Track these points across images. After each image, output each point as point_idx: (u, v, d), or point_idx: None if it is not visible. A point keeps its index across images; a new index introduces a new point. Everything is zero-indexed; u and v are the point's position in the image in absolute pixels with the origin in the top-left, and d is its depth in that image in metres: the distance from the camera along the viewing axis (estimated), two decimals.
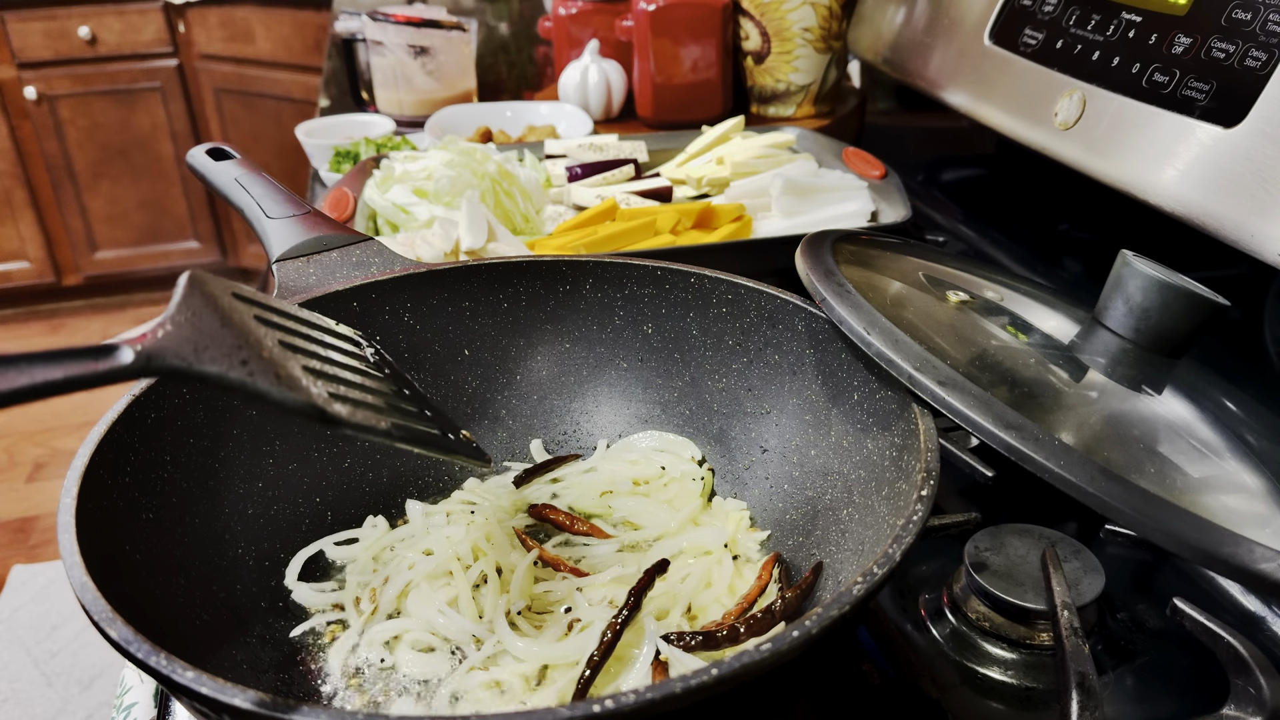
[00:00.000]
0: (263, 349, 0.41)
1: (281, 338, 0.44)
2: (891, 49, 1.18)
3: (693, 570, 0.60)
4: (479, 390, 0.73)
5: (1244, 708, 0.50)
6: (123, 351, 0.38)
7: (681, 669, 0.51)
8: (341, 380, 0.45)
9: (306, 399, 0.41)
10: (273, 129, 3.01)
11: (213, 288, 0.42)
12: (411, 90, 1.49)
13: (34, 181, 3.10)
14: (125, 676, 0.70)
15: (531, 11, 2.16)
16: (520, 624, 0.57)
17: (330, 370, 0.45)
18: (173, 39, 3.00)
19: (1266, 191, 0.65)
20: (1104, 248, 0.72)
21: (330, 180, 1.28)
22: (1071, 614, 0.54)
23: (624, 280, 0.71)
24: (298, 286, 0.68)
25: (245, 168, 0.77)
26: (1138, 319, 0.64)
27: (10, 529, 2.47)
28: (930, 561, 0.65)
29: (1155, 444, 0.54)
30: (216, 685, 0.36)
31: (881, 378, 0.58)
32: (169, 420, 0.56)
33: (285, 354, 0.42)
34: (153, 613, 0.47)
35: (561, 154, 1.17)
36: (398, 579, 0.60)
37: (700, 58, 1.38)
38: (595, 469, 0.70)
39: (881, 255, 0.71)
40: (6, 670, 2.04)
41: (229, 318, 0.41)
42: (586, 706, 0.35)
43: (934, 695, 0.54)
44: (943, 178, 1.36)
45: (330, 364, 0.46)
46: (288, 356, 0.42)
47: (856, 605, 0.40)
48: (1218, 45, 0.71)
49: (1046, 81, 0.87)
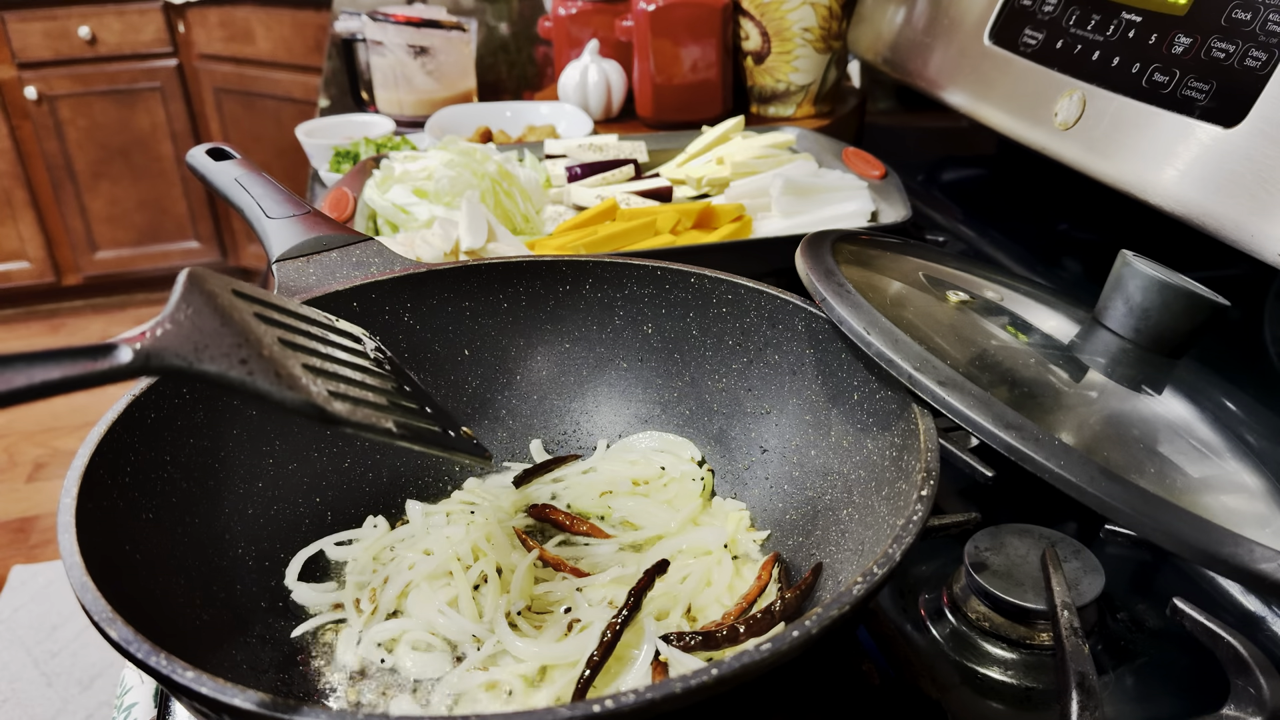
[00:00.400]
0: (262, 347, 0.41)
1: (281, 335, 0.44)
2: (891, 49, 1.18)
3: (692, 570, 0.60)
4: (479, 390, 0.73)
5: (1244, 708, 0.50)
6: (121, 351, 0.38)
7: (681, 669, 0.51)
8: (342, 378, 0.45)
9: (306, 398, 0.41)
10: (273, 129, 3.01)
11: (212, 285, 0.42)
12: (411, 90, 1.49)
13: (34, 181, 3.10)
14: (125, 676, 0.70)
15: (531, 11, 2.16)
16: (520, 624, 0.57)
17: (330, 368, 0.45)
18: (173, 39, 3.00)
19: (1266, 191, 0.65)
20: (1104, 248, 0.72)
21: (330, 180, 1.28)
22: (1071, 614, 0.54)
23: (624, 280, 0.71)
24: (298, 286, 0.68)
25: (245, 168, 0.77)
26: (1138, 319, 0.64)
27: (10, 529, 2.47)
28: (930, 561, 0.65)
29: (1155, 444, 0.54)
30: (216, 685, 0.36)
31: (881, 378, 0.57)
32: (169, 420, 0.56)
33: (285, 352, 0.42)
34: (153, 613, 0.47)
35: (561, 154, 1.17)
36: (398, 579, 0.60)
37: (700, 58, 1.38)
38: (595, 469, 0.70)
39: (881, 255, 0.71)
40: (6, 670, 2.04)
41: (229, 316, 0.41)
42: (586, 707, 0.35)
43: (934, 695, 0.54)
44: (943, 178, 1.36)
45: (331, 361, 0.46)
46: (288, 355, 0.42)
47: (856, 605, 0.40)
48: (1218, 45, 0.71)
49: (1046, 81, 0.87)
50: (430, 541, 0.62)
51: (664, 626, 0.56)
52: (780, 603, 0.53)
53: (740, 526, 0.65)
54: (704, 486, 0.68)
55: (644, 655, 0.52)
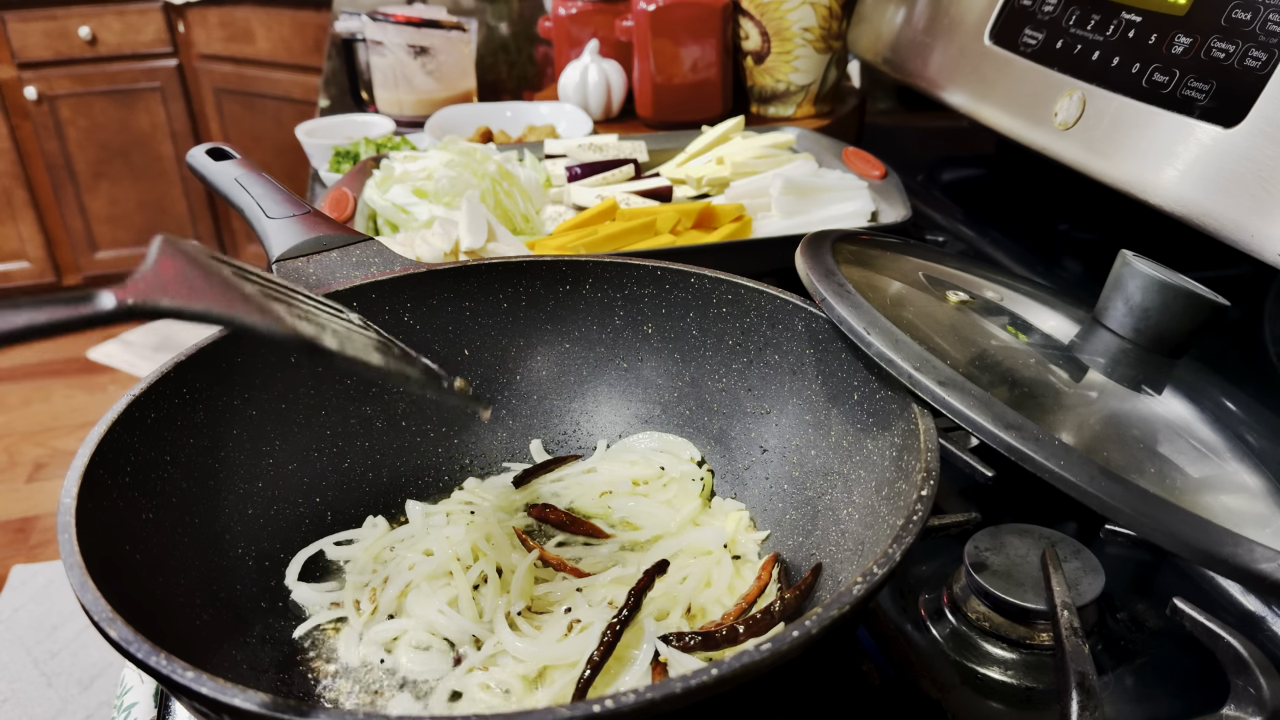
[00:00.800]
0: (246, 293, 0.41)
1: (263, 289, 0.44)
2: (891, 49, 1.18)
3: (692, 571, 0.60)
4: (479, 390, 0.73)
5: (1244, 708, 0.50)
6: (103, 297, 0.37)
7: (681, 669, 0.51)
8: (326, 325, 0.45)
9: (294, 331, 0.41)
10: (273, 129, 3.01)
11: (187, 247, 0.42)
12: (411, 90, 1.49)
13: (34, 181, 3.10)
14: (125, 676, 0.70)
15: (531, 11, 2.16)
16: (520, 624, 0.57)
17: (315, 314, 0.45)
18: (173, 39, 3.00)
19: (1266, 191, 0.65)
20: (1104, 248, 0.72)
21: (330, 180, 1.28)
22: (1071, 614, 0.54)
23: (624, 280, 0.71)
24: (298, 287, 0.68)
25: (245, 168, 0.77)
26: (1138, 319, 0.64)
27: (10, 529, 2.47)
28: (930, 561, 0.65)
29: (1155, 444, 0.54)
30: (216, 685, 0.36)
31: (881, 378, 0.57)
32: (169, 420, 0.56)
33: (269, 299, 0.42)
34: (153, 613, 0.47)
35: (561, 154, 1.17)
36: (398, 579, 0.60)
37: (700, 58, 1.38)
38: (595, 469, 0.70)
39: (881, 255, 0.71)
40: (6, 670, 2.04)
41: (210, 268, 0.41)
42: (586, 707, 0.35)
43: (934, 695, 0.54)
44: (943, 178, 1.36)
45: (315, 310, 0.46)
46: (272, 300, 0.42)
47: (856, 605, 0.40)
48: (1218, 45, 0.71)
49: (1046, 81, 0.87)
50: (430, 541, 0.62)
51: (664, 627, 0.56)
52: (780, 603, 0.53)
53: (740, 526, 0.65)
54: (704, 486, 0.68)
55: (644, 655, 0.52)
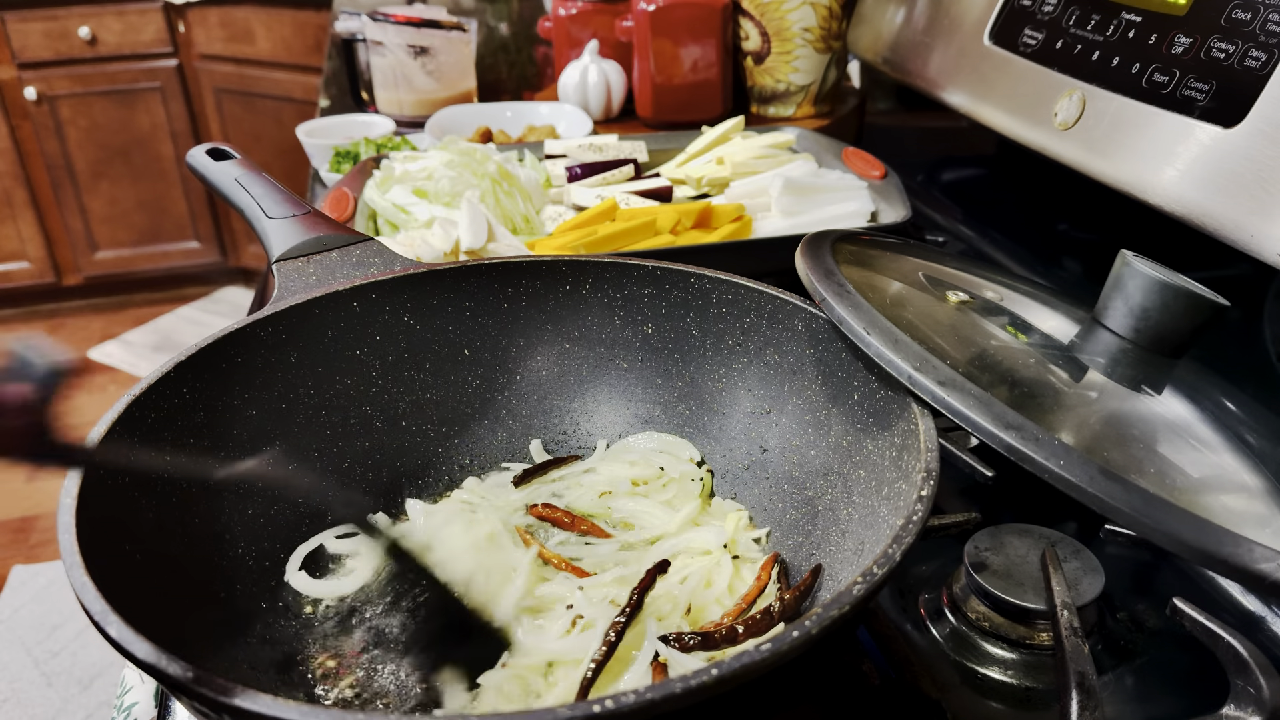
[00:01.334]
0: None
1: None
2: (891, 49, 1.18)
3: (692, 571, 0.60)
4: (479, 390, 0.73)
5: (1244, 708, 0.50)
6: None
7: (681, 670, 0.51)
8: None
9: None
10: (273, 129, 3.01)
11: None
12: (411, 90, 1.49)
13: (34, 181, 3.10)
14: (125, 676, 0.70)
15: (531, 11, 2.16)
16: (522, 624, 0.57)
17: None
18: (173, 39, 3.00)
19: (1266, 191, 0.65)
20: (1104, 248, 0.72)
21: (330, 180, 1.28)
22: (1071, 614, 0.54)
23: (624, 280, 0.71)
24: (298, 287, 0.68)
25: (245, 168, 0.77)
26: (1138, 319, 0.64)
27: (10, 529, 2.47)
28: (930, 561, 0.65)
29: (1155, 444, 0.54)
30: (216, 685, 0.36)
31: (881, 378, 0.57)
32: (169, 420, 0.56)
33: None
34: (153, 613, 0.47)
35: (561, 154, 1.17)
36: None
37: (700, 58, 1.38)
38: (595, 469, 0.70)
39: (881, 255, 0.71)
40: (6, 670, 2.04)
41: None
42: (586, 707, 0.35)
43: (934, 695, 0.54)
44: (943, 178, 1.36)
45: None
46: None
47: (856, 605, 0.40)
48: (1218, 45, 0.71)
49: (1046, 81, 0.87)
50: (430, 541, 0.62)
51: (663, 627, 0.55)
52: (780, 603, 0.53)
53: (740, 527, 0.65)
54: (703, 487, 0.68)
55: (644, 656, 0.52)
